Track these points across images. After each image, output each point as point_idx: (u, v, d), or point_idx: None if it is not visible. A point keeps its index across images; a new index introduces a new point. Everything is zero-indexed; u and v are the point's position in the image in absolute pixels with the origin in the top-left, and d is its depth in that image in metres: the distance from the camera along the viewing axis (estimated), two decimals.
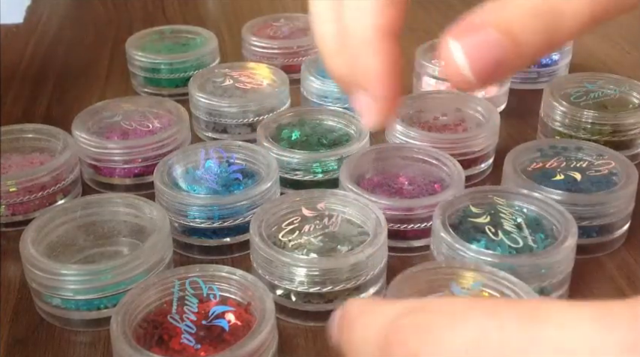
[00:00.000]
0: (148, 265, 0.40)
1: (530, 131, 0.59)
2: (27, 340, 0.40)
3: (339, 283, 0.39)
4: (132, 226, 0.44)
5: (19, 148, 0.52)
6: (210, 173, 0.48)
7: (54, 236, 0.43)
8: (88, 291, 0.39)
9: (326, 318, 0.40)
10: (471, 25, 0.23)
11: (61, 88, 0.67)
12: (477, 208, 0.43)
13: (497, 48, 0.23)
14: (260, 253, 0.40)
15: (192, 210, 0.44)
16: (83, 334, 0.40)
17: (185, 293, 0.37)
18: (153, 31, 0.70)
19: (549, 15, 0.23)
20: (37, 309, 0.41)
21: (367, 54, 0.26)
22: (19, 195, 0.47)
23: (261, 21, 0.73)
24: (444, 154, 0.49)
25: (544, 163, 0.48)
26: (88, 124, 0.54)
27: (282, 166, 0.49)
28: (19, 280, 0.44)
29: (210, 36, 0.69)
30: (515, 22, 0.23)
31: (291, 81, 0.61)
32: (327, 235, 0.42)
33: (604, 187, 0.46)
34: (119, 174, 0.52)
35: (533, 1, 0.23)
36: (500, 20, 0.23)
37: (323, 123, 0.54)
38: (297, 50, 0.67)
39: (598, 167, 0.48)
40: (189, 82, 0.59)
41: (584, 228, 0.44)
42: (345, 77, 0.28)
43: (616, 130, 0.54)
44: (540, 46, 0.23)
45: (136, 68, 0.65)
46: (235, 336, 0.35)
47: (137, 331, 0.35)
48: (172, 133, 0.52)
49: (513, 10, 0.23)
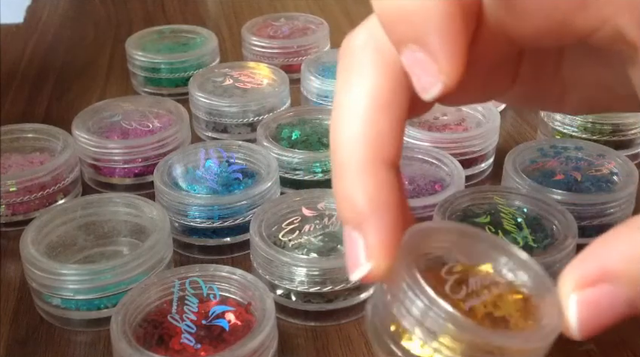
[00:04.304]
0: (148, 265, 0.40)
1: (530, 131, 0.59)
2: (27, 340, 0.40)
3: (339, 283, 0.39)
4: (132, 226, 0.44)
5: (19, 148, 0.52)
6: (210, 173, 0.48)
7: (54, 236, 0.43)
8: (88, 291, 0.39)
9: (326, 318, 0.40)
10: (588, 276, 0.21)
11: (61, 88, 0.67)
12: (476, 208, 0.43)
13: (619, 307, 0.21)
14: (260, 252, 0.40)
15: (192, 210, 0.44)
16: (83, 334, 0.40)
17: (185, 293, 0.37)
18: (153, 31, 0.70)
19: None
20: (37, 309, 0.41)
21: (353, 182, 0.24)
22: (19, 195, 0.47)
23: (261, 21, 0.73)
24: (444, 154, 0.49)
25: (544, 163, 0.48)
26: (88, 123, 0.54)
27: (283, 166, 0.49)
28: (19, 280, 0.44)
29: (210, 36, 0.69)
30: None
31: (291, 81, 0.61)
32: (327, 234, 0.42)
33: (604, 187, 0.46)
34: (119, 174, 0.52)
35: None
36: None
37: (323, 123, 0.54)
38: (297, 50, 0.67)
39: (598, 167, 0.48)
40: (189, 82, 0.59)
41: (584, 228, 0.44)
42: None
43: (616, 130, 0.54)
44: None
45: (136, 68, 0.65)
46: (235, 336, 0.35)
47: (137, 331, 0.35)
48: (172, 133, 0.52)
49: None
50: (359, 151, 0.24)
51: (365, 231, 0.24)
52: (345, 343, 0.39)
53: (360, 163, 0.24)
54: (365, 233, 0.24)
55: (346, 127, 0.24)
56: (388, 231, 0.24)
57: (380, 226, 0.24)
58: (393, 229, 0.24)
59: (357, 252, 0.24)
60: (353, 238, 0.24)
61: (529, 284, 0.27)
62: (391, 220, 0.24)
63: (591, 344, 0.38)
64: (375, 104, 0.24)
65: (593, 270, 0.22)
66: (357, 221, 0.24)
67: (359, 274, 0.24)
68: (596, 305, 0.22)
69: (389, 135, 0.24)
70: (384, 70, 0.24)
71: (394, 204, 0.24)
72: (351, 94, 0.24)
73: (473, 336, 0.23)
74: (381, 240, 0.24)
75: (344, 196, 0.24)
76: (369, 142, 0.24)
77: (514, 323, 0.25)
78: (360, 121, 0.24)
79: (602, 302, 0.22)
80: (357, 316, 0.41)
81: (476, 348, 0.23)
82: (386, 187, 0.24)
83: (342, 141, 0.24)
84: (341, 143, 0.24)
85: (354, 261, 0.24)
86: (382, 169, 0.24)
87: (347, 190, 0.24)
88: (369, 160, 0.24)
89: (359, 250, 0.24)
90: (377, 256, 0.24)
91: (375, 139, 0.24)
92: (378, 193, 0.24)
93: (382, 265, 0.24)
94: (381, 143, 0.24)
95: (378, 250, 0.24)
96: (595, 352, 0.37)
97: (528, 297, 0.27)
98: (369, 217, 0.23)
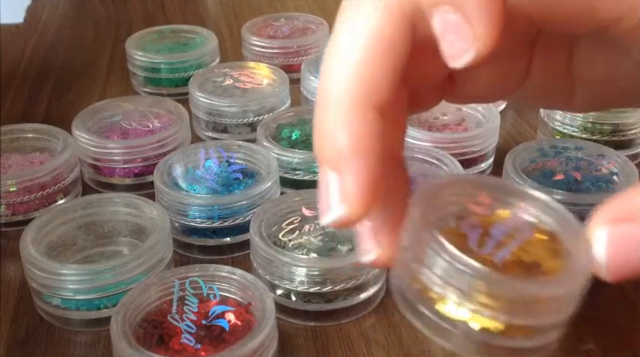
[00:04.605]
0: (148, 265, 0.40)
1: (530, 131, 0.59)
2: (27, 340, 0.40)
3: (339, 283, 0.39)
4: (132, 226, 0.44)
5: (19, 148, 0.52)
6: (210, 173, 0.48)
7: (54, 236, 0.43)
8: (88, 291, 0.39)
9: (326, 318, 0.40)
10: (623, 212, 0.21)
11: (61, 88, 0.67)
12: None
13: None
14: (260, 252, 0.40)
15: (192, 210, 0.44)
16: (83, 334, 0.40)
17: (185, 293, 0.37)
18: (153, 31, 0.70)
19: None
20: (37, 309, 0.41)
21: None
22: (18, 195, 0.47)
23: (261, 21, 0.73)
24: (444, 154, 0.49)
25: (544, 163, 0.48)
26: (88, 123, 0.54)
27: (283, 166, 0.49)
28: (19, 280, 0.44)
29: (210, 36, 0.69)
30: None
31: (291, 81, 0.61)
32: (327, 234, 0.42)
33: (604, 187, 0.46)
34: (119, 174, 0.52)
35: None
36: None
37: None
38: (297, 50, 0.67)
39: (598, 167, 0.48)
40: (190, 82, 0.59)
41: None
42: None
43: (616, 129, 0.54)
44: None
45: (136, 68, 0.65)
46: (235, 336, 0.35)
47: (137, 331, 0.35)
48: (172, 133, 0.52)
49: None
50: (349, 88, 0.22)
51: (342, 172, 0.22)
52: (345, 343, 0.39)
53: (347, 101, 0.22)
54: (342, 174, 0.22)
55: (340, 63, 0.23)
56: (367, 176, 0.22)
57: (359, 169, 0.22)
58: (373, 176, 0.22)
59: (331, 193, 0.23)
60: (329, 177, 0.23)
61: (553, 224, 0.26)
62: (372, 165, 0.22)
63: (591, 344, 0.38)
64: (374, 45, 0.22)
65: (628, 207, 0.21)
66: (336, 161, 0.22)
67: (330, 217, 0.23)
68: (627, 241, 0.21)
69: (384, 80, 0.22)
70: (389, 16, 0.22)
71: (378, 150, 0.22)
72: (350, 31, 0.23)
73: (507, 290, 0.22)
74: (358, 183, 0.22)
75: (325, 132, 0.23)
76: (361, 81, 0.22)
77: (546, 266, 0.24)
78: (355, 58, 0.22)
79: (634, 239, 0.21)
80: (357, 316, 0.41)
81: (513, 301, 0.22)
82: (371, 131, 0.22)
83: (333, 76, 0.23)
84: (331, 78, 0.23)
85: (327, 203, 0.23)
86: (371, 114, 0.22)
87: (329, 125, 0.22)
88: (358, 99, 0.22)
89: (333, 191, 0.22)
90: (352, 200, 0.22)
91: (368, 80, 0.22)
92: (362, 135, 0.22)
93: (357, 211, 0.22)
94: (374, 86, 0.22)
95: (355, 193, 0.22)
96: (595, 352, 0.37)
97: (554, 236, 0.26)
98: (349, 158, 0.22)
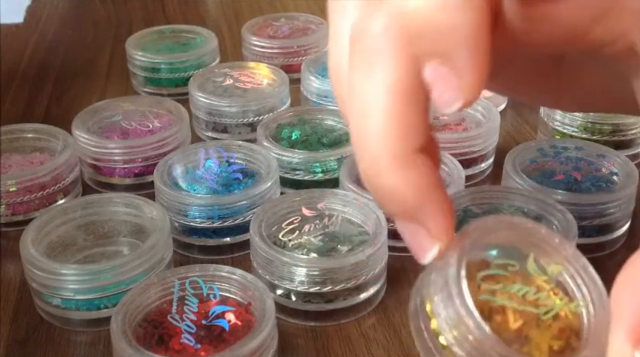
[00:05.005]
0: (148, 265, 0.40)
1: (530, 131, 0.59)
2: (27, 340, 0.40)
3: (339, 283, 0.39)
4: (132, 226, 0.44)
5: (19, 148, 0.52)
6: (210, 173, 0.48)
7: (54, 236, 0.43)
8: (88, 291, 0.39)
9: (326, 318, 0.40)
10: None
11: (61, 88, 0.67)
12: (476, 208, 0.43)
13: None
14: (260, 252, 0.40)
15: (192, 210, 0.44)
16: (83, 334, 0.40)
17: (185, 293, 0.37)
18: (153, 31, 0.70)
19: None
20: (37, 309, 0.41)
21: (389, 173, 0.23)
22: (19, 195, 0.47)
23: (261, 21, 0.73)
24: (444, 154, 0.49)
25: (544, 163, 0.48)
26: (88, 123, 0.54)
27: (282, 166, 0.49)
28: (19, 280, 0.44)
29: (210, 36, 0.69)
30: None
31: (291, 81, 0.61)
32: (327, 234, 0.42)
33: (604, 187, 0.46)
34: (119, 174, 0.52)
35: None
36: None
37: (323, 123, 0.54)
38: (297, 50, 0.67)
39: (598, 167, 0.48)
40: (190, 82, 0.59)
41: (584, 228, 0.44)
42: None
43: (616, 129, 0.54)
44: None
45: (136, 68, 0.65)
46: (235, 336, 0.35)
47: (137, 331, 0.35)
48: (172, 133, 0.52)
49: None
50: (393, 144, 0.23)
51: (422, 220, 0.24)
52: (345, 343, 0.39)
53: (396, 157, 0.23)
54: (423, 222, 0.24)
55: (374, 120, 0.23)
56: (442, 212, 0.24)
57: (434, 211, 0.24)
58: (445, 207, 0.24)
59: (421, 240, 0.24)
60: (411, 229, 0.24)
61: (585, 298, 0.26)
62: (440, 201, 0.24)
63: None
64: (401, 94, 0.23)
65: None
66: (411, 214, 0.24)
67: (430, 256, 0.24)
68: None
69: (418, 124, 0.23)
70: (406, 60, 0.23)
71: (438, 186, 0.24)
72: (374, 84, 0.23)
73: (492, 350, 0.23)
74: (439, 223, 0.24)
75: (389, 195, 0.24)
76: (401, 133, 0.23)
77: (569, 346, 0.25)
78: (387, 112, 0.23)
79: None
80: (357, 316, 0.41)
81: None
82: (427, 174, 0.23)
83: (371, 135, 0.23)
84: (370, 137, 0.23)
85: (422, 249, 0.24)
86: (418, 158, 0.23)
87: (389, 186, 0.23)
88: (405, 152, 0.23)
89: (422, 238, 0.24)
90: (441, 238, 0.24)
91: (407, 130, 0.23)
92: (423, 184, 0.23)
93: (446, 243, 0.24)
94: (413, 133, 0.23)
95: (441, 233, 0.24)
96: None
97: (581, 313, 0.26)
98: (423, 208, 0.23)
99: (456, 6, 0.21)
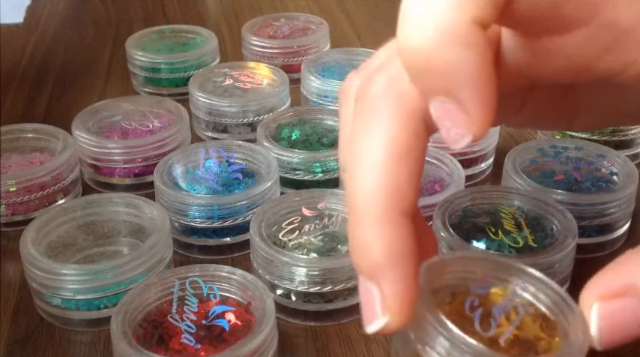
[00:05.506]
0: (148, 265, 0.40)
1: (531, 131, 0.59)
2: (27, 340, 0.40)
3: (339, 283, 0.39)
4: (132, 226, 0.44)
5: (19, 148, 0.52)
6: (210, 173, 0.48)
7: (54, 236, 0.43)
8: (88, 291, 0.39)
9: (326, 318, 0.40)
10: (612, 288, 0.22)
11: (61, 88, 0.67)
12: (476, 208, 0.43)
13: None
14: (260, 252, 0.40)
15: (193, 210, 0.44)
16: (83, 334, 0.40)
17: (185, 293, 0.37)
18: (153, 31, 0.70)
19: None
20: (37, 309, 0.41)
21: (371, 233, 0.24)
22: (18, 195, 0.47)
23: (261, 20, 0.73)
24: (444, 154, 0.49)
25: (544, 163, 0.48)
26: (88, 123, 0.54)
27: (282, 166, 0.49)
28: (19, 280, 0.44)
29: (210, 36, 0.69)
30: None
31: (291, 81, 0.61)
32: (327, 234, 0.42)
33: (604, 187, 0.46)
34: (119, 174, 0.52)
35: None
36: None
37: (323, 122, 0.54)
38: (297, 50, 0.67)
39: (598, 167, 0.48)
40: (190, 82, 0.59)
41: (584, 228, 0.44)
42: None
43: (616, 129, 0.53)
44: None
45: (136, 68, 0.65)
46: (235, 336, 0.35)
47: (137, 331, 0.35)
48: (172, 133, 0.52)
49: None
50: (377, 202, 0.24)
51: (381, 283, 0.23)
52: (345, 343, 0.39)
53: (378, 214, 0.23)
54: (381, 285, 0.23)
55: (365, 177, 0.24)
56: (404, 283, 0.23)
57: (396, 278, 0.23)
58: (409, 281, 0.23)
59: (372, 304, 0.24)
60: (368, 288, 0.24)
61: (549, 302, 0.27)
62: (407, 272, 0.23)
63: None
64: (395, 155, 0.24)
65: (616, 283, 0.22)
66: (373, 272, 0.24)
67: (375, 327, 0.24)
68: (617, 317, 0.22)
69: (407, 186, 0.24)
70: (404, 121, 0.24)
71: (410, 255, 0.24)
72: (370, 142, 0.24)
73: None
74: (397, 293, 0.23)
75: (360, 246, 0.24)
76: (388, 193, 0.24)
77: (542, 346, 0.26)
78: (379, 171, 0.24)
79: (624, 315, 0.22)
80: (357, 316, 0.41)
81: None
82: (403, 239, 0.24)
83: (361, 190, 0.24)
84: (359, 192, 0.24)
85: (370, 314, 0.24)
86: (399, 220, 0.24)
87: (363, 239, 0.24)
88: (387, 211, 0.23)
89: (375, 302, 0.24)
90: (393, 310, 0.23)
91: (393, 190, 0.24)
92: (395, 246, 0.23)
93: (398, 319, 0.24)
94: (399, 195, 0.24)
95: (394, 304, 0.23)
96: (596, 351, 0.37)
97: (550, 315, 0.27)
98: (386, 270, 0.23)
99: (458, 42, 0.21)
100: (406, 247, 0.24)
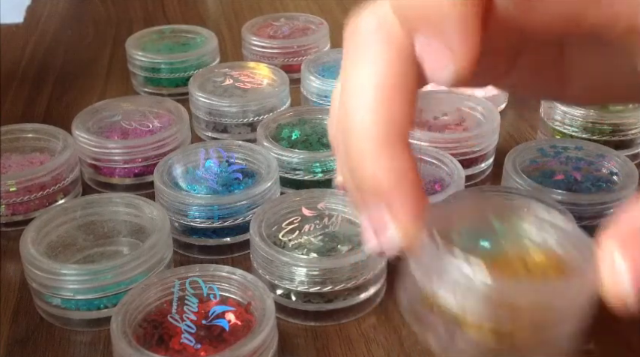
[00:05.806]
0: (147, 265, 0.40)
1: (530, 131, 0.59)
2: (27, 340, 0.40)
3: (339, 283, 0.39)
4: (132, 226, 0.44)
5: (19, 148, 0.52)
6: (210, 173, 0.48)
7: (54, 236, 0.43)
8: (88, 291, 0.39)
9: (326, 318, 0.40)
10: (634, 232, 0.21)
11: (61, 88, 0.67)
12: None
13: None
14: (260, 252, 0.40)
15: (193, 210, 0.44)
16: (83, 334, 0.40)
17: (185, 293, 0.37)
18: (153, 31, 0.70)
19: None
20: (37, 309, 0.41)
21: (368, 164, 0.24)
22: (18, 195, 0.47)
23: (261, 20, 0.73)
24: (444, 154, 0.49)
25: (544, 163, 0.48)
26: (88, 123, 0.54)
27: (282, 166, 0.49)
28: (19, 280, 0.44)
29: (210, 36, 0.69)
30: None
31: (291, 81, 0.61)
32: (327, 234, 0.42)
33: (604, 187, 0.46)
34: (119, 174, 0.52)
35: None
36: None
37: (323, 122, 0.54)
38: (297, 50, 0.67)
39: (598, 167, 0.48)
40: (190, 82, 0.59)
41: (584, 228, 0.44)
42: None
43: (616, 129, 0.54)
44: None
45: (136, 68, 0.65)
46: (235, 336, 0.35)
47: (137, 331, 0.35)
48: (172, 133, 0.52)
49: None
50: (377, 130, 0.24)
51: (393, 206, 0.24)
52: (345, 343, 0.39)
53: (379, 142, 0.24)
54: (393, 208, 0.24)
55: (360, 107, 0.24)
56: (416, 202, 0.24)
57: (407, 199, 0.24)
58: (420, 201, 0.24)
59: (384, 225, 0.24)
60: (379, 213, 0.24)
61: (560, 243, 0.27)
62: (417, 193, 0.24)
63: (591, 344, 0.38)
64: (388, 84, 0.24)
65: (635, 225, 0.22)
66: (383, 197, 0.24)
67: (391, 244, 0.24)
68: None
69: (404, 113, 0.24)
70: (395, 55, 0.24)
71: (417, 179, 0.24)
72: (363, 74, 0.24)
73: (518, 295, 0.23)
74: (410, 210, 0.24)
75: (367, 177, 0.24)
76: (386, 120, 0.24)
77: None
78: (374, 100, 0.24)
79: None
80: (357, 316, 0.41)
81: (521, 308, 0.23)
82: (408, 163, 0.24)
83: (357, 120, 0.24)
84: (356, 123, 0.24)
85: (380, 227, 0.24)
86: (401, 146, 0.24)
87: (369, 170, 0.24)
88: (388, 138, 0.24)
89: (387, 222, 0.24)
90: (408, 226, 0.24)
91: (391, 118, 0.24)
92: (403, 170, 0.24)
93: (413, 234, 0.24)
94: (397, 122, 0.24)
95: (409, 220, 0.24)
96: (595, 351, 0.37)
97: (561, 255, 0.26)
98: (397, 194, 0.24)
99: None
100: (413, 172, 0.24)
